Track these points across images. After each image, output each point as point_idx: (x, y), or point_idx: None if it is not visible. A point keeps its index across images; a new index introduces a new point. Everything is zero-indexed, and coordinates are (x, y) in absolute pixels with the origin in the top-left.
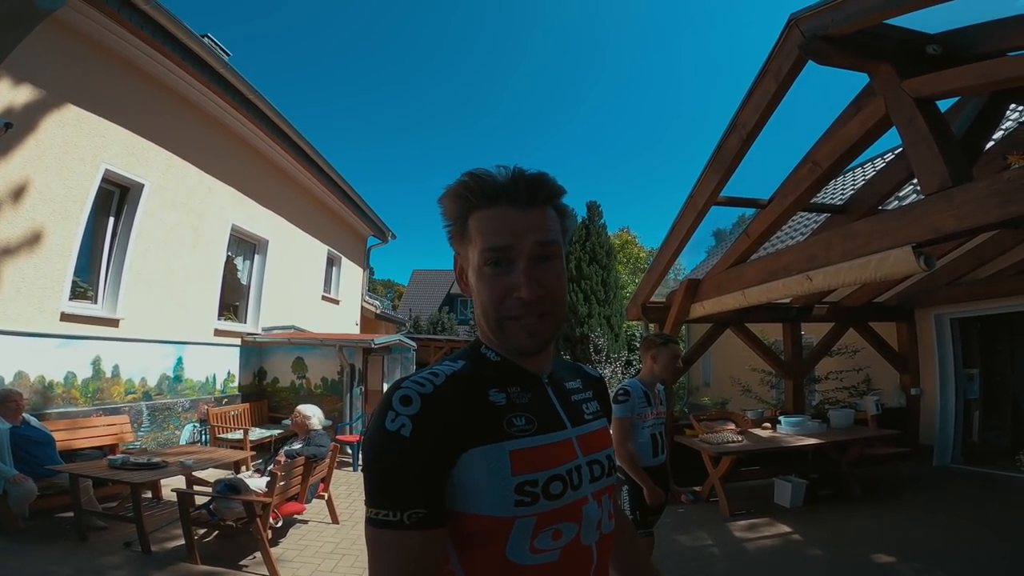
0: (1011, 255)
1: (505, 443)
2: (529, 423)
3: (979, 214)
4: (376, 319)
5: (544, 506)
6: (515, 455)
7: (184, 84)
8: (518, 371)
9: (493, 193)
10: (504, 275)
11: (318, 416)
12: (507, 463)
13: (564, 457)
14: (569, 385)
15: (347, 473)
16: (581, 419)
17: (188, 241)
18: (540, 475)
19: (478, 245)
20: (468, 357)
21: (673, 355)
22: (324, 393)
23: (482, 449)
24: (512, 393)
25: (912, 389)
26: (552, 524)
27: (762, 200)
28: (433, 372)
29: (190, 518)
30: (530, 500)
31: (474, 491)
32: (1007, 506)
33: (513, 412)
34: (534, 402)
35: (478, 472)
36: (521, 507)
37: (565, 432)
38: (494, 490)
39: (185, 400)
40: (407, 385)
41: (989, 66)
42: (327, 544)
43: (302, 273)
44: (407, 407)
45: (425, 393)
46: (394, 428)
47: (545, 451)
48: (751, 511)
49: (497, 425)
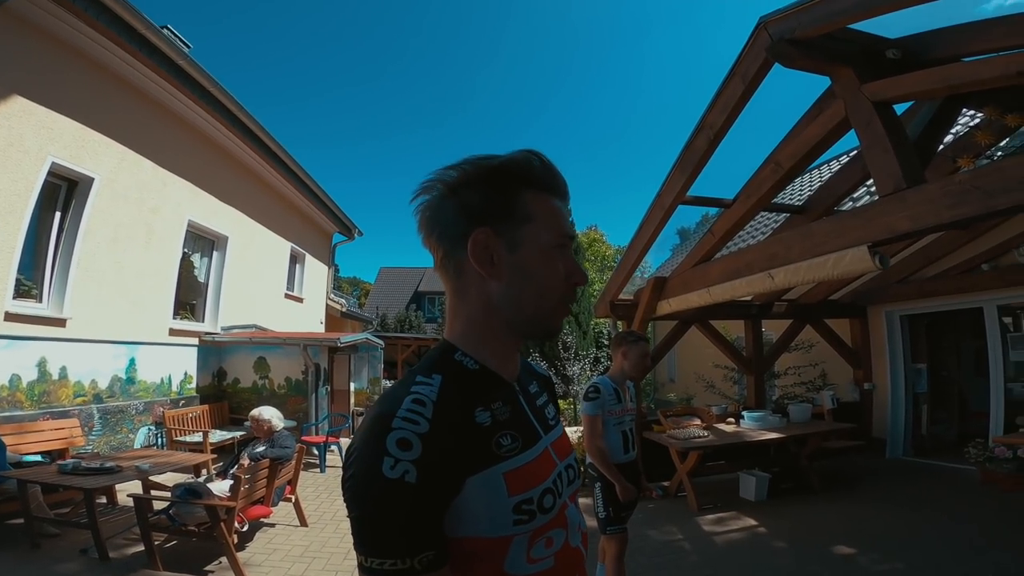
0: (957, 255)
1: (497, 466)
2: (515, 441)
3: (931, 215)
4: (342, 317)
5: (540, 520)
6: (508, 476)
7: (140, 76)
8: (495, 381)
9: (552, 182)
10: (565, 262)
11: (277, 416)
12: (503, 486)
13: (548, 468)
14: (531, 390)
15: (314, 474)
16: (547, 425)
17: (141, 237)
18: (534, 492)
19: (555, 227)
20: (442, 369)
21: (643, 353)
22: (288, 393)
23: (478, 477)
24: (495, 410)
25: (865, 384)
26: (545, 534)
27: (726, 199)
28: (417, 400)
29: (149, 524)
30: (527, 518)
31: (472, 516)
32: (955, 497)
33: (499, 432)
34: (514, 416)
35: (476, 499)
36: (519, 525)
37: (542, 442)
38: (493, 513)
39: (139, 402)
40: (399, 425)
41: (945, 71)
42: (296, 547)
43: (264, 271)
44: (407, 451)
45: (422, 433)
46: (396, 475)
47: (533, 467)
48: (718, 505)
49: (487, 449)
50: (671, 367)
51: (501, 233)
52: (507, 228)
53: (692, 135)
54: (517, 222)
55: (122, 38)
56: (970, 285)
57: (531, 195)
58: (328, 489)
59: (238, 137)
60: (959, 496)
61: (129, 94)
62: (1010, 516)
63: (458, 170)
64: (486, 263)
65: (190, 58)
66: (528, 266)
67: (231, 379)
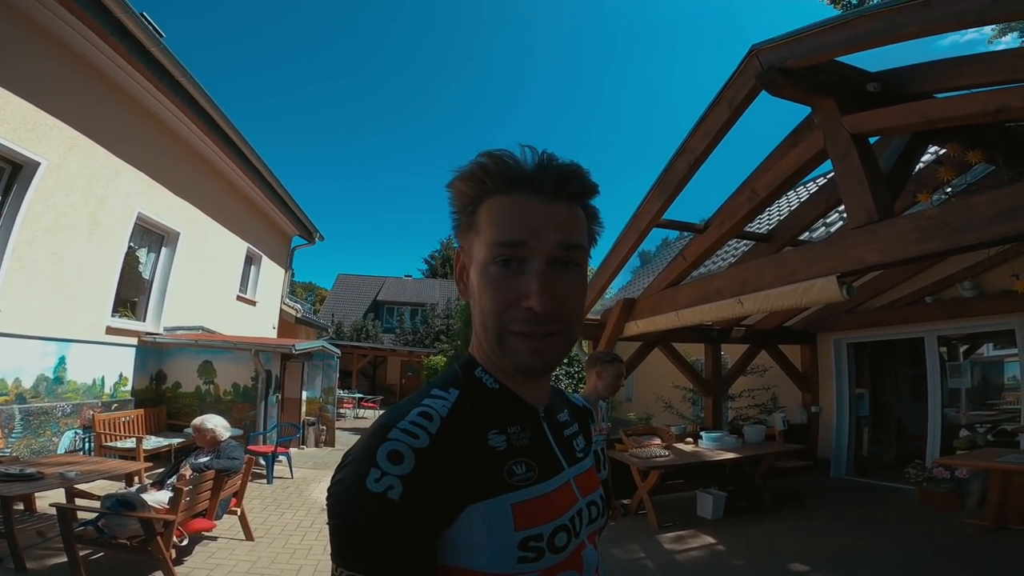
0: (903, 287)
1: (506, 496)
2: (530, 470)
3: (900, 248)
4: (296, 323)
5: (549, 560)
6: (517, 508)
7: (108, 60)
8: (516, 403)
9: (514, 177)
10: (513, 277)
11: (222, 425)
12: (509, 518)
13: (566, 504)
14: (560, 418)
15: (260, 486)
16: (574, 457)
17: (84, 228)
18: (545, 528)
19: (487, 238)
20: (461, 384)
21: (618, 373)
22: (235, 400)
23: (481, 505)
24: (512, 434)
25: (813, 407)
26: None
27: (698, 225)
28: (425, 413)
29: (73, 535)
30: (535, 556)
31: (470, 547)
32: (897, 515)
33: (514, 459)
34: (533, 444)
35: (477, 529)
36: (525, 563)
37: (564, 475)
38: (495, 547)
39: (66, 404)
40: (396, 436)
41: (925, 106)
42: (241, 563)
43: (216, 270)
44: (397, 465)
45: (419, 447)
46: (379, 490)
47: (548, 501)
48: (677, 523)
49: (497, 475)
50: (630, 387)
51: (465, 250)
52: (469, 246)
53: (673, 158)
54: (471, 237)
55: (96, 21)
56: (914, 316)
57: (486, 202)
58: (276, 502)
59: (201, 129)
60: (900, 514)
61: (92, 78)
62: (948, 533)
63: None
64: (461, 285)
65: (164, 47)
66: (474, 288)
67: (171, 383)
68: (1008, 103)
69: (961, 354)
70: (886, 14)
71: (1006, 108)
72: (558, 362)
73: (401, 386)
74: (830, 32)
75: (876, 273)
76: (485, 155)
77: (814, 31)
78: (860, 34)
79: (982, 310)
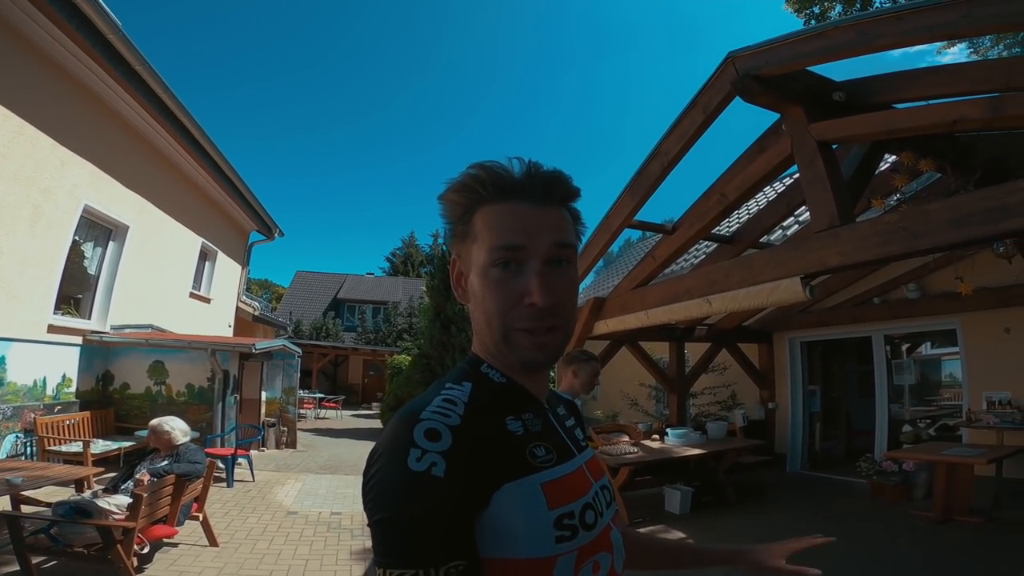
0: (853, 288)
1: (534, 476)
2: (549, 453)
3: (860, 251)
4: (254, 321)
5: (584, 538)
6: (547, 488)
7: (57, 45)
8: (524, 394)
9: (506, 186)
10: (513, 278)
11: (181, 429)
12: (542, 497)
13: (586, 485)
14: (559, 412)
15: (220, 489)
16: (579, 446)
17: (26, 220)
18: (575, 505)
19: (486, 243)
20: (471, 378)
21: (594, 372)
22: (189, 402)
23: (514, 485)
24: (527, 420)
25: (769, 403)
26: (591, 556)
27: (667, 226)
28: (448, 399)
29: (25, 545)
30: (570, 534)
31: (509, 533)
32: (850, 507)
33: (532, 442)
34: (546, 430)
35: (513, 511)
36: (563, 543)
37: (576, 460)
38: (532, 529)
39: (7, 407)
40: (428, 417)
41: (886, 116)
42: (207, 570)
43: (167, 267)
44: (436, 442)
45: (453, 425)
46: (422, 468)
47: (571, 480)
48: (647, 518)
49: (522, 457)
50: None
51: (462, 257)
52: (466, 253)
53: (646, 160)
54: (468, 245)
55: (52, 6)
56: (862, 316)
57: (481, 210)
58: (238, 505)
59: (156, 119)
60: (853, 507)
61: (42, 65)
62: (898, 524)
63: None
64: (459, 290)
65: (123, 34)
66: (474, 291)
67: (119, 384)
68: (966, 115)
69: (904, 352)
70: (861, 26)
71: (963, 119)
72: (560, 355)
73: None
74: (806, 42)
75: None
76: (476, 167)
77: (790, 40)
78: (835, 45)
79: (926, 310)
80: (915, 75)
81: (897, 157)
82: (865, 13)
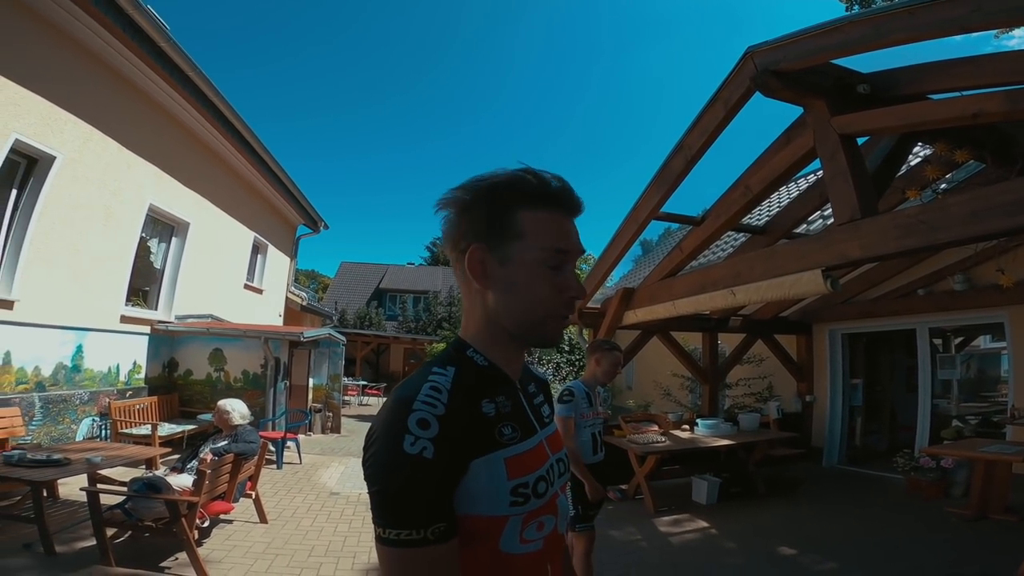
0: (897, 279)
1: (499, 452)
2: (514, 431)
3: (881, 244)
4: (302, 311)
5: (533, 504)
6: (509, 462)
7: (116, 54)
8: (501, 377)
9: (551, 196)
10: (556, 276)
11: (240, 411)
12: (503, 470)
13: (542, 459)
14: (530, 390)
15: (271, 471)
16: (543, 421)
17: (99, 220)
18: (529, 478)
19: (539, 242)
20: (455, 362)
21: (615, 361)
22: (244, 387)
23: (483, 460)
24: (499, 403)
25: (807, 396)
26: (538, 517)
27: (695, 217)
28: (434, 387)
29: (102, 519)
30: (523, 500)
31: (474, 496)
32: (884, 503)
33: (501, 422)
34: (514, 410)
35: (480, 480)
36: (515, 507)
37: (537, 436)
38: (492, 494)
39: (84, 392)
40: (419, 407)
41: (906, 110)
42: (257, 544)
43: (224, 260)
44: (426, 430)
45: (439, 415)
46: (415, 451)
47: (529, 456)
48: (673, 508)
49: (491, 436)
50: (629, 375)
51: (493, 248)
52: (499, 244)
53: (670, 155)
54: (509, 239)
55: (106, 15)
56: (906, 308)
57: (525, 212)
58: (287, 486)
59: (209, 121)
60: (888, 503)
61: (103, 73)
62: (930, 522)
63: (464, 190)
64: (480, 276)
65: (172, 40)
66: (515, 280)
67: (183, 370)
68: (985, 108)
69: (954, 346)
70: (875, 20)
71: (983, 113)
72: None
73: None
74: (822, 36)
75: (870, 265)
76: (526, 172)
77: (807, 35)
78: (850, 39)
79: (972, 303)
80: (943, 66)
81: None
82: (879, 8)
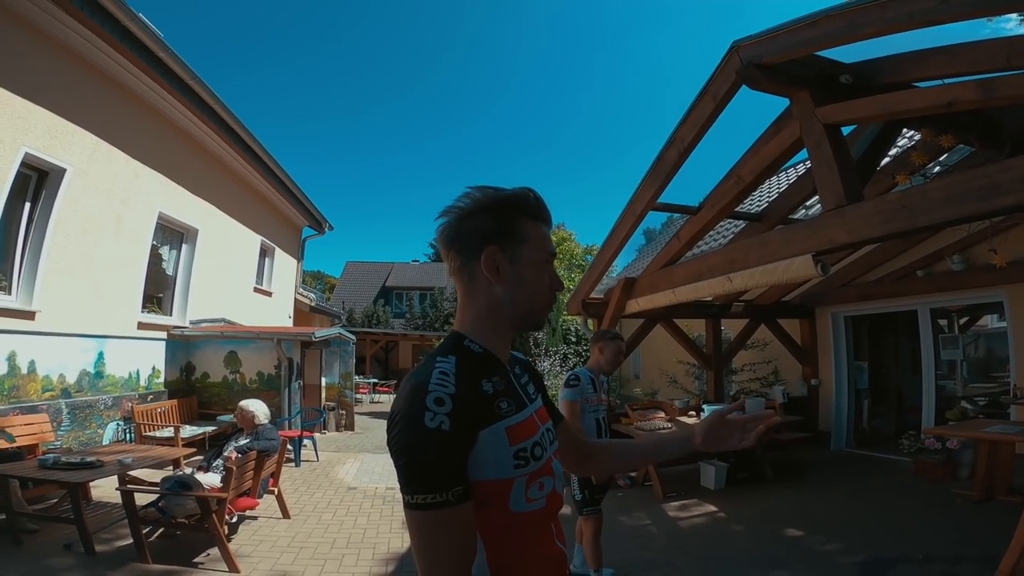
0: (897, 260)
1: (500, 423)
2: (510, 405)
3: (865, 229)
4: (311, 312)
5: (533, 466)
6: (509, 431)
7: (116, 66)
8: (495, 361)
9: (542, 212)
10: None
11: (262, 411)
12: (505, 437)
13: (534, 427)
14: (516, 371)
15: (289, 468)
16: (530, 398)
17: (111, 229)
18: (527, 443)
19: (541, 248)
20: (455, 351)
21: (618, 350)
22: (260, 388)
23: (488, 430)
24: (495, 382)
25: (812, 380)
26: (538, 478)
27: (692, 207)
28: (442, 372)
29: (138, 517)
30: (524, 463)
31: (483, 463)
32: (891, 485)
33: (499, 398)
34: (507, 387)
35: (487, 448)
36: (519, 468)
37: (528, 409)
38: (498, 459)
39: (107, 397)
40: (433, 388)
41: (885, 99)
42: (282, 538)
43: (233, 264)
44: (441, 407)
45: (451, 394)
46: (435, 425)
47: (525, 425)
48: (681, 493)
49: (492, 410)
50: (636, 364)
51: (505, 249)
52: (509, 246)
53: (663, 148)
54: (517, 242)
55: (104, 28)
56: (906, 289)
57: (527, 222)
58: (306, 483)
59: (211, 128)
60: (894, 485)
61: (105, 84)
62: (937, 503)
63: (472, 199)
64: (494, 272)
65: (170, 49)
66: (524, 275)
67: (200, 374)
68: (959, 97)
69: (957, 326)
70: (848, 14)
71: (957, 101)
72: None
73: None
74: (800, 31)
75: (868, 248)
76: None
77: (786, 29)
78: (826, 33)
79: (970, 283)
80: (922, 56)
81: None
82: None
